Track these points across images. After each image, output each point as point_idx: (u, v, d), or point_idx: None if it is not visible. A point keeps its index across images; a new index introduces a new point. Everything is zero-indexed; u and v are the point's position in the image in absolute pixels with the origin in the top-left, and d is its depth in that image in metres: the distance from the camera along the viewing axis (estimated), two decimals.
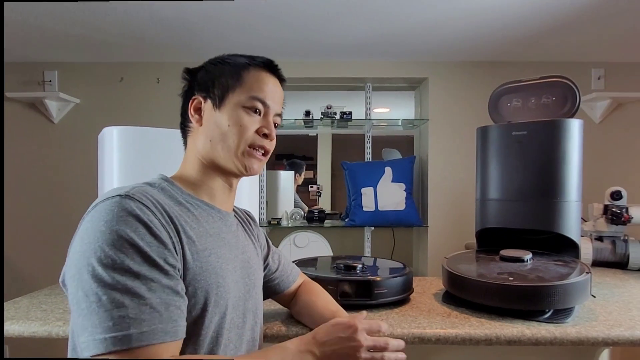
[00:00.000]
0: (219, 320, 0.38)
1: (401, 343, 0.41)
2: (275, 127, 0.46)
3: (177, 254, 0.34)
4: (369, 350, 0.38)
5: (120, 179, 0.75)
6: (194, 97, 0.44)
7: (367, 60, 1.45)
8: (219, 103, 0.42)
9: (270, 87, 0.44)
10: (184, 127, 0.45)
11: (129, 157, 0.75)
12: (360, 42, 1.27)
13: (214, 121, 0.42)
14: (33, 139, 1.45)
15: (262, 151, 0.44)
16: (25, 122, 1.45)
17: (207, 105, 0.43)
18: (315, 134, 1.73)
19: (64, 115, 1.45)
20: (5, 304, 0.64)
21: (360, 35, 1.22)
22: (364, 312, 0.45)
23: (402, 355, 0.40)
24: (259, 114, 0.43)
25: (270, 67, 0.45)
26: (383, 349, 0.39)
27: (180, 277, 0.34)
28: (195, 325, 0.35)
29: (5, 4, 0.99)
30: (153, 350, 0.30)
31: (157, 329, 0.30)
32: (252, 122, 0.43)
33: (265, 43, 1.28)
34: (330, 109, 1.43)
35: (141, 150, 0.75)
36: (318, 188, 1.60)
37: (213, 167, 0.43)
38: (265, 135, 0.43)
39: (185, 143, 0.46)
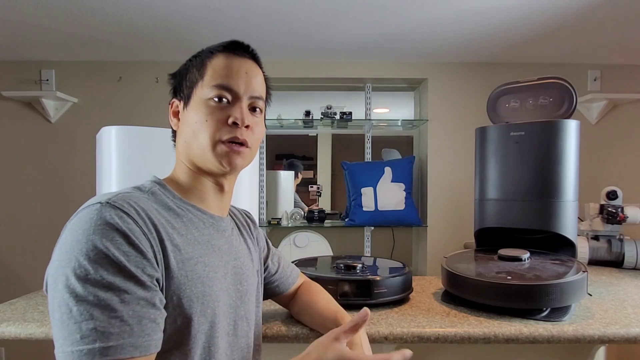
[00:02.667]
0: (209, 329, 0.37)
1: None
2: (255, 111, 0.41)
3: (157, 264, 0.33)
4: None
5: (118, 179, 0.74)
6: (171, 101, 0.43)
7: (367, 61, 1.45)
8: (186, 101, 0.41)
9: (238, 71, 0.40)
10: (173, 132, 0.44)
11: (127, 156, 0.75)
12: (360, 42, 1.27)
13: (185, 121, 0.41)
14: (30, 138, 1.44)
15: (239, 142, 0.39)
16: (22, 121, 1.43)
17: (181, 106, 0.42)
18: (315, 134, 1.73)
19: (61, 114, 1.44)
20: (1, 305, 0.64)
21: (360, 36, 1.22)
22: (367, 310, 0.35)
23: None
24: (229, 102, 0.39)
25: (237, 47, 0.41)
26: None
27: (161, 287, 0.33)
28: (182, 335, 0.35)
29: (2, 1, 0.98)
30: None
31: (125, 343, 0.29)
32: (220, 114, 0.39)
33: (265, 43, 1.28)
34: (330, 109, 1.43)
35: (140, 150, 0.75)
36: (318, 188, 1.60)
37: (198, 170, 0.41)
38: (236, 125, 0.39)
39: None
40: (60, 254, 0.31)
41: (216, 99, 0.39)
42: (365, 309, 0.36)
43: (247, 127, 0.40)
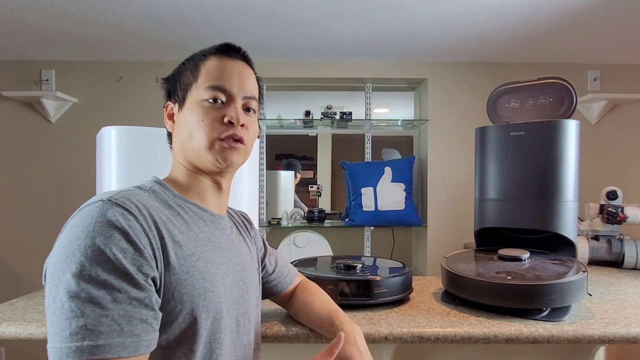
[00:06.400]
0: (212, 325, 0.37)
1: None
2: (249, 111, 0.43)
3: (157, 262, 0.34)
4: None
5: (118, 179, 0.74)
6: (166, 104, 0.44)
7: (367, 61, 1.45)
8: (181, 103, 0.42)
9: (231, 72, 0.41)
10: (168, 134, 0.46)
11: (127, 157, 0.75)
12: (360, 42, 1.27)
13: (180, 122, 0.42)
14: (30, 138, 1.44)
15: (236, 139, 0.41)
16: (22, 121, 1.43)
17: (176, 109, 0.43)
18: (315, 134, 1.73)
19: (61, 114, 1.44)
20: (1, 305, 0.64)
21: (360, 36, 1.22)
22: (342, 335, 0.39)
23: None
24: (223, 103, 0.41)
25: (229, 50, 0.42)
26: None
27: (159, 287, 0.34)
28: (185, 330, 0.35)
29: (2, 1, 0.98)
30: None
31: (114, 342, 0.29)
32: (215, 114, 0.40)
33: (265, 43, 1.28)
34: (330, 109, 1.43)
35: (140, 150, 0.75)
36: (318, 188, 1.60)
37: (195, 169, 0.42)
38: (232, 124, 0.40)
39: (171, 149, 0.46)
40: (59, 250, 0.31)
41: (211, 100, 0.41)
42: (341, 334, 0.39)
43: (242, 125, 0.41)
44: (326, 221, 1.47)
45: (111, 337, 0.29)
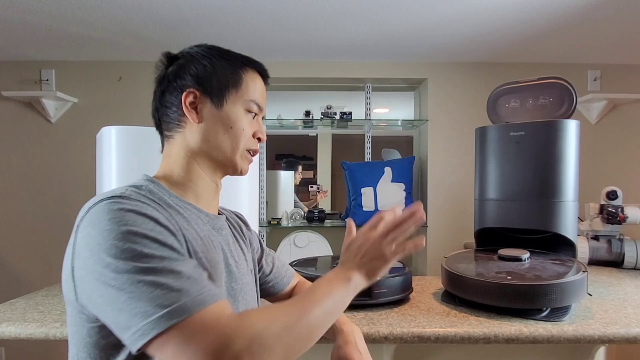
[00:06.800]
0: None
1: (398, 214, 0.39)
2: None
3: (184, 246, 0.35)
4: (387, 237, 0.39)
5: (118, 179, 0.75)
6: (189, 90, 0.41)
7: (367, 61, 1.45)
8: (219, 101, 0.42)
9: (263, 91, 0.46)
10: (168, 121, 0.42)
11: (127, 157, 0.75)
12: (360, 42, 1.27)
13: (215, 120, 0.41)
14: (30, 138, 1.44)
15: (255, 154, 0.46)
16: (22, 121, 1.43)
17: (206, 102, 0.41)
18: (315, 134, 1.73)
19: (61, 114, 1.44)
20: (1, 305, 0.64)
21: (360, 36, 1.22)
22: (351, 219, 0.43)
23: (420, 240, 0.40)
24: (253, 117, 0.45)
25: (264, 73, 0.47)
26: (396, 229, 0.39)
27: None
28: None
29: (2, 1, 0.98)
30: (211, 311, 0.29)
31: (204, 292, 0.30)
32: (251, 126, 0.44)
33: (265, 43, 1.28)
34: (330, 109, 1.43)
35: (140, 150, 0.75)
36: (318, 188, 1.60)
37: (203, 165, 0.42)
38: (259, 139, 0.45)
39: (165, 137, 0.43)
40: (91, 251, 0.30)
41: (250, 112, 0.44)
42: (350, 221, 0.42)
43: None
44: (326, 221, 1.47)
45: (198, 289, 0.30)
